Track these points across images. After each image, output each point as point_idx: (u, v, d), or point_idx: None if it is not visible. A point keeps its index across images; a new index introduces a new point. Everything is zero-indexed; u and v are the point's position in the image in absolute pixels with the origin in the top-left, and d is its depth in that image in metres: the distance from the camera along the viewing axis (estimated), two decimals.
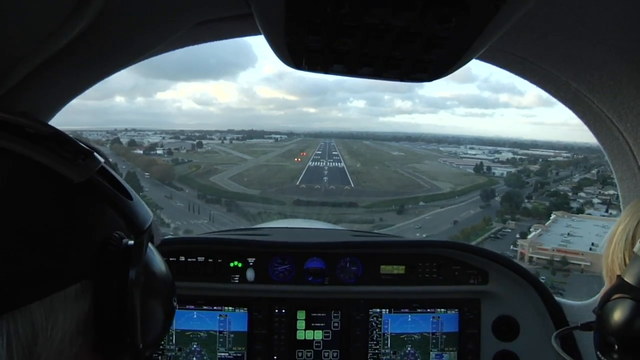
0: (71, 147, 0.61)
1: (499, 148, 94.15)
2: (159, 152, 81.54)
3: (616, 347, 0.94)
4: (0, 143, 0.56)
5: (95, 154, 0.64)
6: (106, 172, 0.65)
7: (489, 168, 78.14)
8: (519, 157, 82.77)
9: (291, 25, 0.91)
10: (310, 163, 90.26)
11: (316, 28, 0.90)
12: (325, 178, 79.28)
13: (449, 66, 1.08)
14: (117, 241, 0.62)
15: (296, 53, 1.05)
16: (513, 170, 73.80)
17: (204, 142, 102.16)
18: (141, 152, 76.90)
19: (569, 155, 79.11)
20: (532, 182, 62.33)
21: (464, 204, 61.34)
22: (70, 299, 0.57)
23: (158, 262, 0.75)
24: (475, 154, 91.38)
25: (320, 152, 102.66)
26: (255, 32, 1.29)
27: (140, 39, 1.21)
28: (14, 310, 0.51)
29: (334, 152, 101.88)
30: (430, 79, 1.16)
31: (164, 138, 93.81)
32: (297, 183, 75.72)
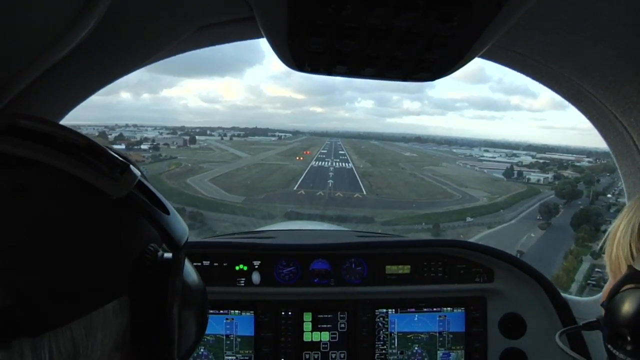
0: (106, 159, 0.60)
1: (514, 151, 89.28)
2: (143, 147, 73.63)
3: (629, 338, 0.93)
4: (35, 156, 0.55)
5: (131, 166, 0.63)
6: (143, 185, 0.64)
7: (520, 173, 69.90)
8: (542, 161, 75.72)
9: (293, 27, 0.91)
10: (314, 163, 78.85)
11: (318, 30, 0.90)
12: (331, 182, 65.09)
13: (452, 65, 1.08)
14: (152, 255, 0.62)
15: (299, 55, 1.05)
16: (549, 176, 65.66)
17: (202, 138, 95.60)
18: (123, 146, 67.59)
19: (591, 159, 71.65)
20: (587, 193, 50.30)
21: (515, 222, 47.54)
22: (109, 316, 0.57)
23: (192, 274, 0.74)
24: (493, 157, 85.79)
25: (325, 151, 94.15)
26: (257, 36, 1.30)
27: (143, 44, 1.22)
28: (56, 329, 0.51)
29: (340, 152, 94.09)
30: (432, 78, 1.16)
31: (161, 133, 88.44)
32: (295, 188, 61.66)
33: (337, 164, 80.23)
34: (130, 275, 0.59)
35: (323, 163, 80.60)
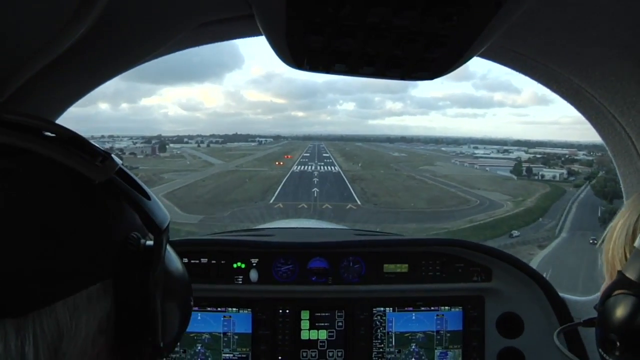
0: (89, 149, 0.63)
1: (505, 147, 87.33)
2: None
3: (618, 344, 0.93)
4: (22, 144, 0.57)
5: (113, 156, 0.66)
6: (125, 173, 0.66)
7: (529, 170, 65.38)
8: (539, 156, 72.47)
9: (292, 25, 0.91)
10: (295, 167, 72.33)
11: (317, 28, 0.90)
12: (316, 190, 56.46)
13: (451, 64, 1.08)
14: (136, 241, 0.63)
15: (298, 53, 1.06)
16: (564, 172, 61.03)
17: (178, 145, 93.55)
18: None
19: (585, 152, 69.42)
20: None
21: (567, 236, 38.45)
22: (93, 299, 0.58)
23: (175, 261, 0.75)
24: (487, 154, 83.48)
25: (308, 155, 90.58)
26: (256, 33, 1.29)
27: (142, 41, 1.21)
28: (40, 310, 0.52)
29: (324, 154, 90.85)
30: (431, 77, 1.16)
31: (135, 143, 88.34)
32: (272, 200, 52.86)
33: (322, 167, 74.33)
34: (114, 259, 0.61)
35: (306, 167, 74.31)
